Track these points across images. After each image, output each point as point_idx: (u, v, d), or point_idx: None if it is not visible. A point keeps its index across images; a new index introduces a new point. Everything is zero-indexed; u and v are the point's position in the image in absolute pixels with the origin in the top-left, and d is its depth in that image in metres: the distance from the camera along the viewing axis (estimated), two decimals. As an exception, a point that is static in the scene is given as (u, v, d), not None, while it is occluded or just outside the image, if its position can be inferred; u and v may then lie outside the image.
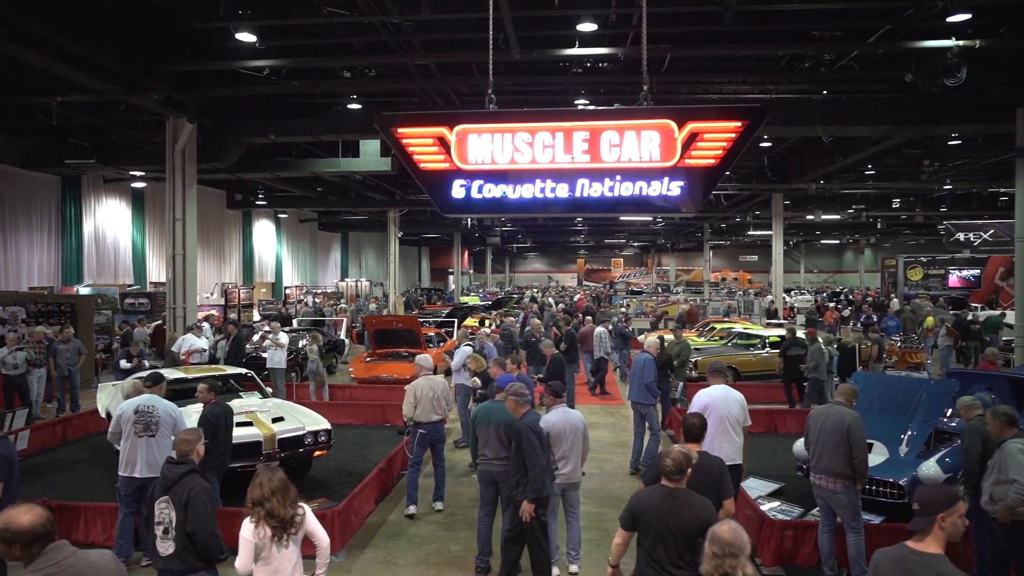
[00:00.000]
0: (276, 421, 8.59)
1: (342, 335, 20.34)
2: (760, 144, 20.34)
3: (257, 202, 28.34)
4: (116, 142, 17.00)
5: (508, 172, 6.40)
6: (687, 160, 6.09)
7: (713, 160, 6.07)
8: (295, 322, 21.97)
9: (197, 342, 13.50)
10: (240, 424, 8.04)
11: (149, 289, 22.59)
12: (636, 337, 19.37)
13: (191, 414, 7.97)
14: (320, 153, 19.76)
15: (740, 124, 6.01)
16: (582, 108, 13.18)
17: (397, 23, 11.40)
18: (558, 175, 6.32)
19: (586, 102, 14.51)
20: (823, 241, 55.09)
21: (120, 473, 6.47)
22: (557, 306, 28.41)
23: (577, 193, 6.30)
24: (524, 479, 5.66)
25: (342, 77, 13.78)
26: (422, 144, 6.47)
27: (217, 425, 6.85)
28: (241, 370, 10.62)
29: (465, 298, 38.06)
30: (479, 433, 6.27)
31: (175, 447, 4.67)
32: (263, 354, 13.85)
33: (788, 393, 13.10)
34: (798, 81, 14.35)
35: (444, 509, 8.04)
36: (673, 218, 36.45)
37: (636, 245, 62.41)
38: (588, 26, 10.92)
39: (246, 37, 11.22)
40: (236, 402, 8.92)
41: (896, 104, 14.21)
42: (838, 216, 31.69)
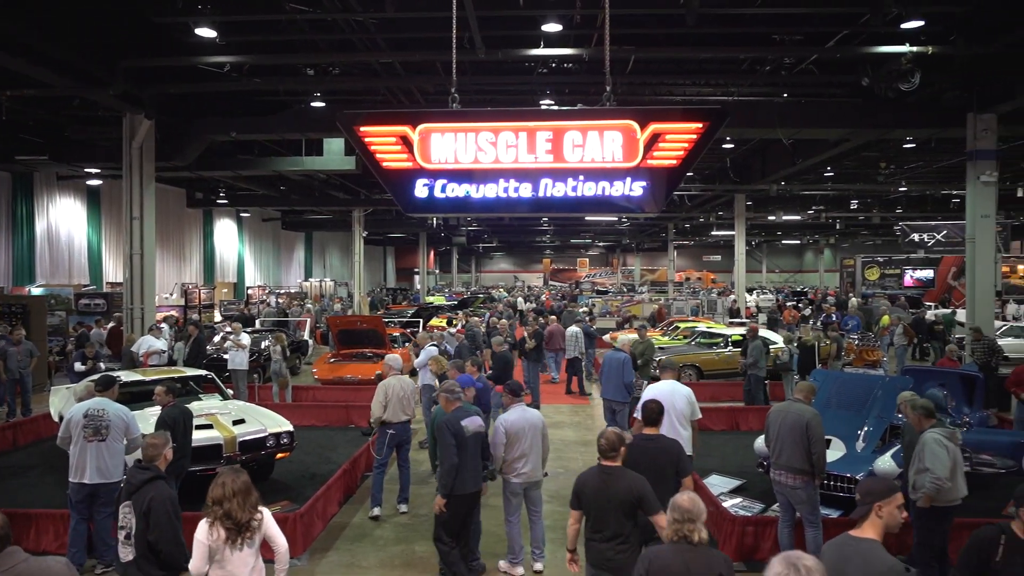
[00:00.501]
0: (237, 423, 8.45)
1: (306, 336, 20.09)
2: (723, 145, 20.64)
3: (218, 201, 27.84)
4: (70, 138, 16.55)
5: (471, 172, 6.40)
6: (649, 160, 6.15)
7: (675, 161, 6.15)
8: (258, 323, 21.65)
9: (156, 343, 13.21)
10: (199, 427, 7.89)
11: (106, 289, 22.05)
12: (601, 337, 19.50)
13: (148, 417, 7.80)
14: (283, 151, 19.49)
15: (701, 125, 6.09)
16: (545, 108, 13.23)
17: (361, 21, 11.30)
18: (521, 175, 6.33)
19: (551, 102, 14.56)
20: (784, 241, 56.12)
21: (70, 479, 6.30)
22: (527, 305, 28.50)
23: (541, 193, 6.32)
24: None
25: (305, 75, 13.61)
26: (385, 143, 6.43)
27: (175, 428, 6.70)
28: (201, 372, 10.43)
29: (431, 298, 37.91)
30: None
31: (142, 451, 4.56)
32: (224, 355, 13.61)
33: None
34: (759, 84, 14.59)
35: (409, 511, 7.99)
36: (638, 218, 36.80)
37: (601, 245, 62.83)
38: (553, 27, 10.96)
39: (206, 33, 11.02)
40: (196, 404, 8.76)
41: (853, 108, 14.53)
42: (799, 217, 32.30)
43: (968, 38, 11.23)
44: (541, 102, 14.61)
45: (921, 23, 10.88)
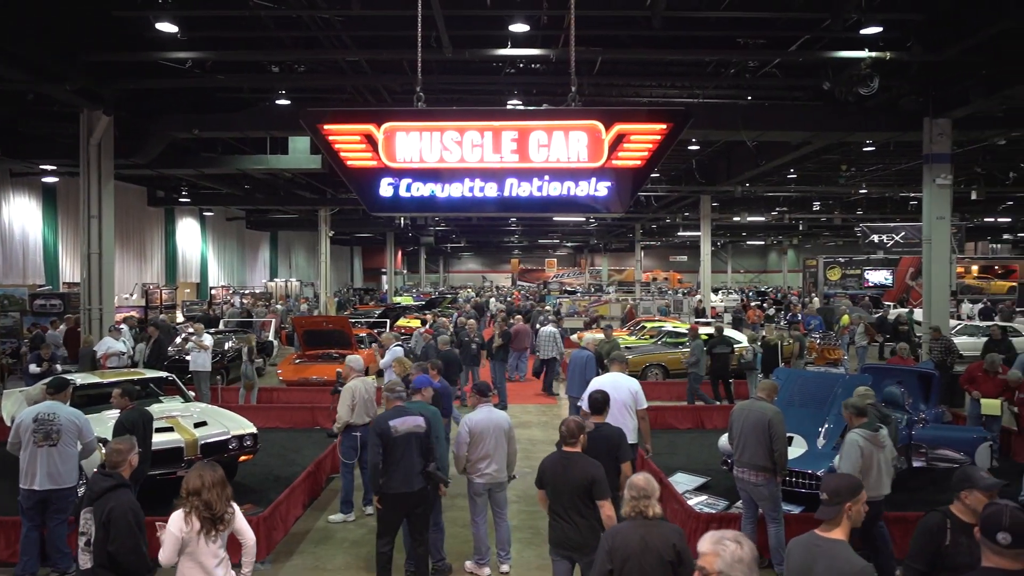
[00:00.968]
0: (199, 426, 8.30)
1: (271, 336, 19.82)
2: (688, 147, 20.88)
3: (180, 199, 27.33)
4: (24, 134, 16.08)
5: (436, 171, 6.37)
6: (614, 161, 6.18)
7: (639, 161, 6.19)
8: (222, 323, 21.30)
9: (115, 345, 12.91)
10: (160, 429, 7.74)
11: (62, 290, 21.47)
12: (569, 337, 19.58)
13: (106, 420, 7.62)
14: (247, 150, 19.20)
15: (665, 126, 6.14)
16: (511, 108, 13.23)
17: (327, 18, 11.18)
18: (487, 174, 6.32)
19: (519, 102, 14.57)
20: (749, 242, 56.95)
21: (21, 485, 6.12)
22: (498, 306, 28.48)
23: (506, 192, 6.32)
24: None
25: (270, 72, 13.42)
26: (349, 141, 6.36)
27: (134, 432, 6.52)
28: (161, 373, 10.22)
29: (399, 298, 37.69)
30: None
31: (106, 457, 4.45)
32: (187, 356, 13.36)
33: (715, 389, 13.48)
34: (724, 86, 14.78)
35: (375, 513, 7.91)
36: (605, 219, 37.03)
37: (569, 245, 63.09)
38: (520, 27, 10.96)
39: (167, 28, 10.80)
40: (156, 407, 8.58)
41: (815, 111, 14.81)
42: (763, 218, 32.82)
43: (924, 45, 11.52)
44: (509, 102, 14.61)
45: (879, 29, 11.13)
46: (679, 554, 3.62)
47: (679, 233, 41.01)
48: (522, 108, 11.28)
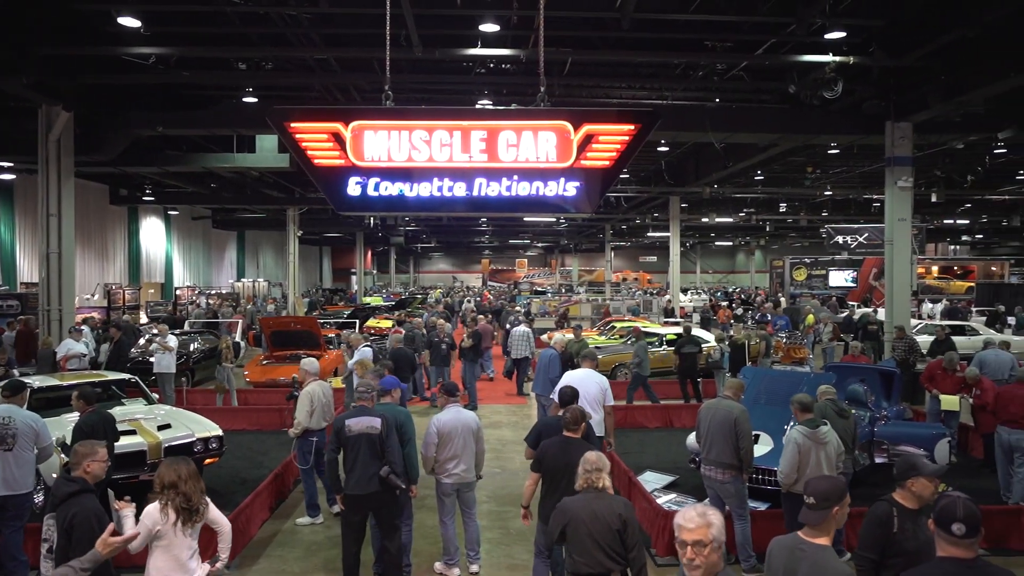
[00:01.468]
0: (162, 428, 8.13)
1: (237, 337, 19.51)
2: (658, 148, 21.07)
3: (144, 198, 26.80)
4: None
5: (405, 170, 6.33)
6: (583, 161, 6.21)
7: (608, 162, 6.22)
8: (187, 324, 20.93)
9: (76, 346, 12.60)
10: (122, 432, 7.57)
11: (20, 290, 20.91)
12: (540, 337, 19.59)
13: (65, 424, 7.43)
14: (213, 148, 18.89)
15: (633, 127, 6.18)
16: (480, 108, 13.22)
17: (295, 15, 11.06)
18: (456, 174, 6.30)
19: (489, 102, 14.56)
20: (718, 243, 57.68)
21: (-25, 492, 5.92)
22: (468, 306, 28.45)
23: (475, 192, 6.31)
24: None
25: (237, 69, 13.24)
26: (316, 140, 6.30)
27: (94, 435, 6.37)
28: (124, 375, 10.00)
29: (368, 299, 37.40)
30: None
31: (70, 460, 4.35)
32: (150, 358, 13.10)
33: (683, 388, 13.60)
34: (692, 88, 14.95)
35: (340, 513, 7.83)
36: (575, 219, 37.19)
37: (540, 246, 63.25)
38: (491, 27, 10.96)
39: (129, 22, 10.59)
40: (118, 409, 8.38)
41: (781, 113, 15.05)
42: (731, 219, 33.27)
43: (885, 50, 11.77)
44: (479, 102, 14.60)
45: (843, 34, 11.35)
46: (625, 522, 4.00)
47: (649, 234, 41.37)
48: (491, 108, 11.27)
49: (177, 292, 31.66)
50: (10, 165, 18.54)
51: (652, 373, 15.87)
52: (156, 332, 14.03)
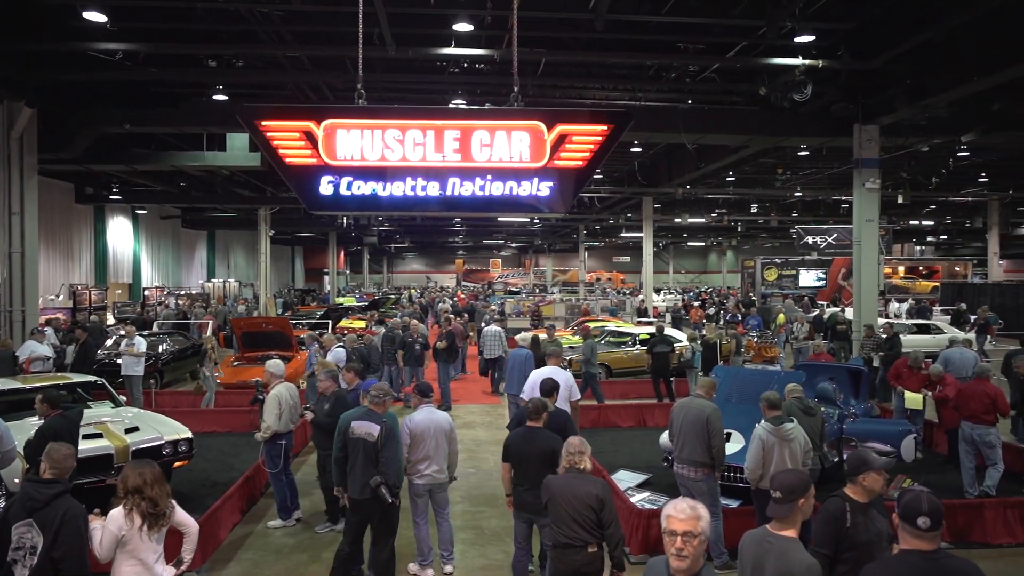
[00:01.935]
0: (130, 431, 7.98)
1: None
2: (631, 149, 21.20)
3: (111, 196, 26.25)
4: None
5: (378, 169, 6.30)
6: (556, 161, 6.23)
7: (581, 162, 6.25)
8: (156, 325, 20.58)
9: (39, 348, 12.31)
10: (88, 436, 7.43)
11: (-18, 291, 20.34)
12: (513, 337, 19.62)
13: (28, 428, 7.25)
14: (183, 146, 18.59)
15: (607, 127, 6.22)
16: (453, 107, 13.20)
17: (266, 12, 10.94)
18: (429, 173, 6.28)
19: (462, 102, 14.53)
20: (690, 243, 58.19)
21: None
22: (443, 307, 28.31)
23: (448, 192, 6.30)
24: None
25: (206, 66, 13.03)
26: (288, 138, 6.24)
27: (58, 439, 6.23)
28: (90, 377, 9.79)
29: (341, 299, 37.08)
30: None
31: (47, 463, 4.23)
32: (118, 360, 12.85)
33: (656, 388, 13.70)
34: (665, 90, 15.06)
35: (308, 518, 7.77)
36: (549, 219, 37.29)
37: (514, 246, 63.28)
38: (464, 26, 10.93)
39: (94, 17, 10.37)
40: (85, 413, 8.20)
41: (752, 115, 15.23)
42: (703, 219, 33.59)
43: (853, 54, 11.99)
44: (452, 101, 14.56)
45: (812, 38, 11.52)
46: (601, 501, 4.41)
47: (622, 234, 41.59)
48: (465, 108, 11.25)
49: (145, 293, 31.10)
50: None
51: (624, 372, 16.03)
52: (123, 333, 13.78)
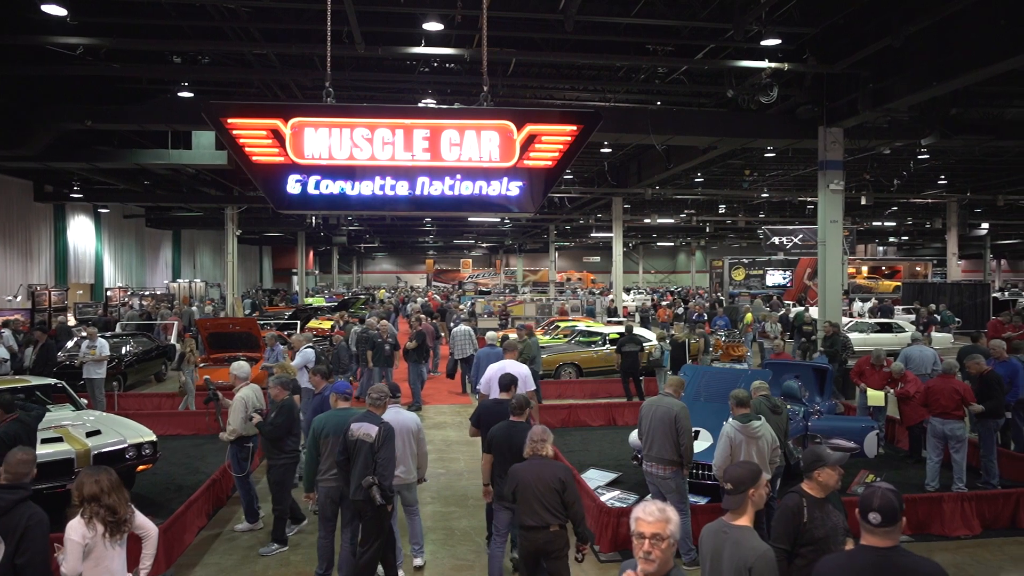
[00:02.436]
0: (91, 435, 7.82)
1: (173, 339, 18.90)
2: (601, 150, 21.33)
3: (72, 195, 25.65)
4: None
5: (346, 168, 6.24)
6: (526, 161, 6.24)
7: (550, 162, 6.27)
8: (119, 326, 20.15)
9: (-4, 350, 12.01)
10: (48, 440, 7.27)
11: (-64, 291, 19.78)
12: (483, 336, 19.59)
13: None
14: (147, 143, 18.22)
15: (575, 128, 6.25)
16: (423, 106, 13.15)
17: (233, 8, 10.79)
18: (398, 172, 6.25)
19: (432, 101, 14.49)
20: (659, 243, 58.72)
21: None
22: (416, 305, 28.18)
23: (418, 191, 6.27)
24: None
25: (171, 62, 12.82)
26: (254, 136, 6.15)
27: (15, 445, 6.07)
28: (49, 380, 9.55)
29: (310, 299, 36.69)
30: (322, 446, 6.00)
31: (6, 470, 4.12)
32: (79, 363, 12.55)
33: (625, 386, 13.79)
34: (634, 91, 15.19)
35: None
36: (519, 219, 37.33)
37: (484, 246, 63.24)
38: (434, 25, 10.90)
39: (54, 10, 10.11)
40: (45, 416, 8.00)
41: (720, 117, 15.43)
42: (672, 220, 33.92)
43: (818, 57, 12.22)
44: (422, 101, 14.51)
45: (778, 41, 11.72)
46: (564, 484, 4.76)
47: (592, 234, 41.83)
48: (434, 107, 11.21)
49: (108, 293, 30.43)
50: (-76, 159, 17.54)
51: (594, 371, 16.12)
52: (85, 335, 13.47)
